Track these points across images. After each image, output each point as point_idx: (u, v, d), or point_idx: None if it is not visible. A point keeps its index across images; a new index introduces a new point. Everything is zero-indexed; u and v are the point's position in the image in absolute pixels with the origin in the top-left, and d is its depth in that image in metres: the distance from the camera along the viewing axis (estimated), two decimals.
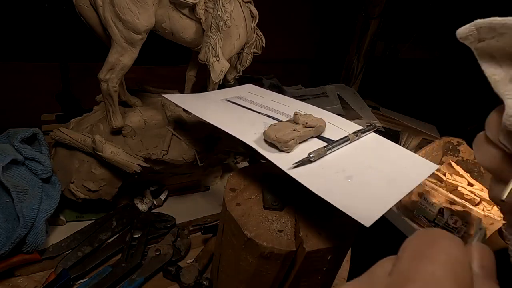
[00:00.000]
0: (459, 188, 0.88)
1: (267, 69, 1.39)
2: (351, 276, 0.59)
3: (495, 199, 0.22)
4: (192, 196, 0.73)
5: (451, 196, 0.81)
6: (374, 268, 0.17)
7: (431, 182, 0.87)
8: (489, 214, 0.76)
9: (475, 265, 0.17)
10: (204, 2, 0.60)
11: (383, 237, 0.74)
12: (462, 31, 0.21)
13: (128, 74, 0.58)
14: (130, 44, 0.55)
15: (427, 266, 0.15)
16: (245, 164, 0.82)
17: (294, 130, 0.46)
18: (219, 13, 0.60)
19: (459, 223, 0.80)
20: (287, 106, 0.61)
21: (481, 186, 0.94)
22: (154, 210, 0.65)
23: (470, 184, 0.93)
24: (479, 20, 0.21)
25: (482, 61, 0.21)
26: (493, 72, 0.21)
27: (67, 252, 0.53)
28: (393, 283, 0.15)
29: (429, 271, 0.15)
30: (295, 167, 0.41)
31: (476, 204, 0.86)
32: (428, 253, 0.15)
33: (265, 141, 0.46)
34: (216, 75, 0.66)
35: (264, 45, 0.76)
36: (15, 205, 0.48)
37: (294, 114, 0.50)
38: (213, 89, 0.69)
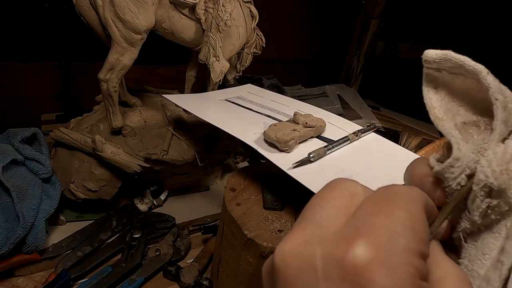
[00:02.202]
0: None
1: (267, 69, 1.39)
2: None
3: None
4: (192, 196, 0.73)
5: None
6: (317, 213, 0.17)
7: None
8: None
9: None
10: (204, 2, 0.60)
11: None
12: (430, 55, 0.21)
13: (128, 74, 0.58)
14: (130, 44, 0.55)
15: (383, 220, 0.14)
16: (245, 164, 0.82)
17: (294, 130, 0.46)
18: (219, 13, 0.60)
19: None
20: (287, 106, 0.61)
21: None
22: (154, 210, 0.65)
23: None
24: (450, 52, 0.20)
25: (427, 86, 0.21)
26: (435, 105, 0.21)
27: (67, 252, 0.52)
28: (343, 235, 0.15)
29: (384, 225, 0.14)
30: (295, 167, 0.41)
31: None
32: (386, 209, 0.15)
33: (265, 141, 0.46)
34: (216, 75, 0.66)
35: (264, 45, 0.76)
36: (15, 205, 0.48)
37: (294, 114, 0.50)
38: (213, 89, 0.69)
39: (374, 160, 0.47)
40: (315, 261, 0.14)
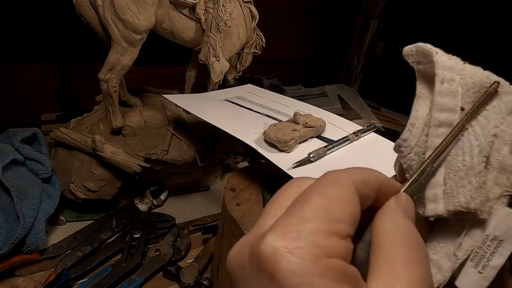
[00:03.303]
0: None
1: (267, 69, 1.39)
2: None
3: None
4: (192, 196, 0.73)
5: None
6: (261, 217, 0.18)
7: None
8: None
9: (399, 208, 0.18)
10: (204, 2, 0.60)
11: None
12: (406, 50, 0.23)
13: (128, 74, 0.58)
14: (130, 44, 0.55)
15: (296, 211, 0.16)
16: (245, 164, 0.82)
17: (294, 130, 0.46)
18: (219, 13, 0.60)
19: None
20: (287, 106, 0.61)
21: None
22: (154, 210, 0.65)
23: None
24: (419, 43, 0.22)
25: (420, 82, 0.22)
26: (420, 94, 0.22)
27: (67, 252, 0.52)
28: (260, 234, 0.16)
29: (296, 214, 0.16)
30: (295, 167, 0.41)
31: None
32: (303, 197, 0.16)
33: (265, 141, 0.46)
34: (216, 75, 0.66)
35: (264, 45, 0.76)
36: (15, 205, 0.48)
37: (294, 114, 0.50)
38: (213, 89, 0.69)
39: (374, 160, 0.47)
40: (244, 258, 0.16)
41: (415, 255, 0.16)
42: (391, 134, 1.03)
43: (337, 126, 0.55)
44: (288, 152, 0.45)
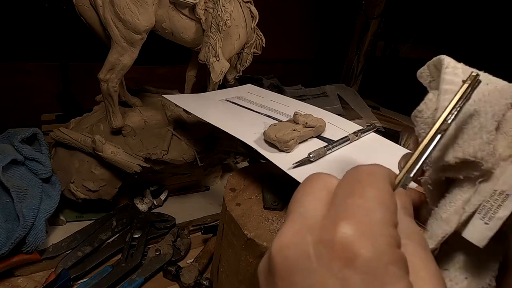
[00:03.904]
0: None
1: (267, 69, 1.39)
2: None
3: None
4: (192, 196, 0.73)
5: None
6: (302, 206, 0.18)
7: None
8: None
9: (399, 205, 0.18)
10: (204, 2, 0.60)
11: None
12: (419, 71, 0.24)
13: (128, 74, 0.58)
14: (130, 44, 0.55)
15: (358, 200, 0.16)
16: (245, 164, 0.82)
17: (294, 130, 0.46)
18: (219, 13, 0.60)
19: None
20: (287, 106, 0.61)
21: None
22: (154, 210, 0.65)
23: None
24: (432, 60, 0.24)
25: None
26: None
27: (67, 252, 0.52)
28: (328, 223, 0.16)
29: (359, 205, 0.16)
30: (295, 167, 0.41)
31: None
32: (358, 190, 0.17)
33: (265, 141, 0.46)
34: (216, 75, 0.66)
35: (264, 45, 0.76)
36: (15, 205, 0.48)
37: (294, 114, 0.50)
38: (213, 89, 0.69)
39: (374, 161, 0.47)
40: (308, 248, 0.16)
41: (427, 255, 0.17)
42: (391, 134, 1.03)
43: (337, 126, 0.55)
44: (288, 152, 0.45)
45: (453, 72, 0.22)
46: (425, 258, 0.17)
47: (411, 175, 0.20)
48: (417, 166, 0.20)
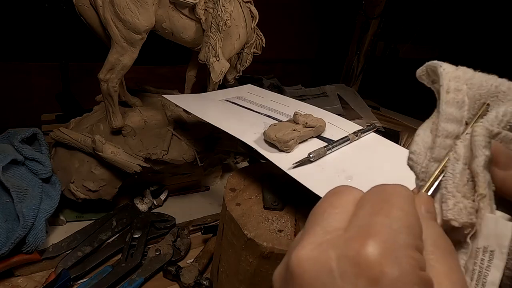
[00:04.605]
0: None
1: (267, 69, 1.39)
2: None
3: None
4: (192, 196, 0.73)
5: None
6: (325, 219, 0.18)
7: None
8: None
9: (423, 209, 0.19)
10: (204, 2, 0.60)
11: None
12: (418, 72, 0.23)
13: (128, 74, 0.58)
14: (130, 44, 0.55)
15: (384, 220, 0.16)
16: (245, 164, 0.82)
17: (294, 130, 0.46)
18: (219, 13, 0.60)
19: None
20: (287, 106, 0.61)
21: None
22: (154, 210, 0.65)
23: None
24: (428, 62, 0.22)
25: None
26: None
27: (67, 252, 0.52)
28: (353, 237, 0.16)
29: (385, 224, 0.16)
30: (295, 167, 0.41)
31: None
32: (385, 209, 0.17)
33: (265, 141, 0.46)
34: (216, 75, 0.66)
35: (264, 45, 0.76)
36: (15, 205, 0.48)
37: (294, 114, 0.50)
38: (213, 89, 0.69)
39: (374, 160, 0.47)
40: (330, 263, 0.16)
41: (450, 263, 0.17)
42: (391, 134, 1.03)
43: (337, 126, 0.55)
44: (288, 152, 0.45)
45: (455, 99, 0.20)
46: (449, 266, 0.17)
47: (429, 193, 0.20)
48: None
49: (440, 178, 0.20)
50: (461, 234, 0.18)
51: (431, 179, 0.20)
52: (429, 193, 0.20)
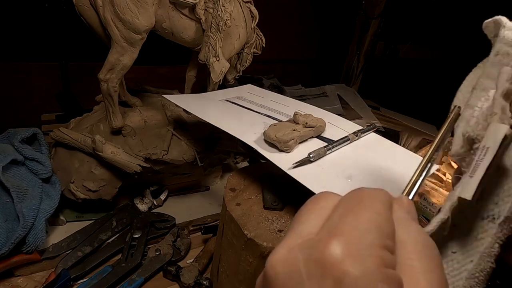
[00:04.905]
0: None
1: (267, 69, 1.39)
2: None
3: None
4: (192, 196, 0.73)
5: None
6: (301, 223, 0.19)
7: (431, 182, 0.86)
8: None
9: (404, 211, 0.19)
10: (204, 2, 0.60)
11: None
12: (485, 23, 0.24)
13: (128, 74, 0.58)
14: (130, 44, 0.55)
15: (352, 221, 0.17)
16: (245, 164, 0.82)
17: (294, 130, 0.46)
18: (219, 13, 0.60)
19: None
20: (287, 106, 0.61)
21: None
22: (154, 210, 0.65)
23: None
24: (497, 17, 0.23)
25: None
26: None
27: (67, 252, 0.52)
28: (319, 238, 0.17)
29: (353, 225, 0.17)
30: (295, 167, 0.41)
31: None
32: (355, 211, 0.18)
33: (265, 141, 0.46)
34: (216, 75, 0.66)
35: (264, 45, 0.76)
36: (15, 205, 0.48)
37: (294, 114, 0.50)
38: (213, 89, 0.69)
39: (374, 160, 0.47)
40: (299, 265, 0.16)
41: (430, 262, 0.17)
42: (391, 134, 1.03)
43: (337, 126, 0.55)
44: (288, 152, 0.45)
45: (500, 61, 0.22)
46: (428, 265, 0.17)
47: (410, 197, 0.21)
48: (415, 189, 0.21)
49: (418, 182, 0.21)
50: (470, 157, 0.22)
51: (410, 183, 0.21)
52: (410, 196, 0.21)
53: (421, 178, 0.22)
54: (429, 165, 0.22)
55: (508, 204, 0.20)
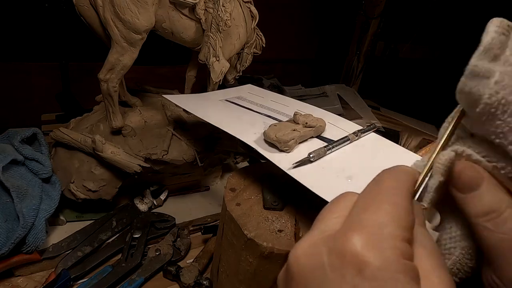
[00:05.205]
0: None
1: (267, 69, 1.39)
2: None
3: None
4: (192, 196, 0.73)
5: None
6: (323, 223, 0.20)
7: None
8: None
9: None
10: (204, 2, 0.60)
11: None
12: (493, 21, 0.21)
13: (128, 74, 0.58)
14: (130, 44, 0.55)
15: (371, 216, 0.18)
16: (245, 164, 0.82)
17: (294, 130, 0.46)
18: (219, 13, 0.60)
19: None
20: (287, 106, 0.61)
21: None
22: (154, 210, 0.65)
23: None
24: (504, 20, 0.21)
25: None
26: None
27: (67, 252, 0.52)
28: (341, 232, 0.17)
29: (372, 219, 0.17)
30: (295, 167, 0.41)
31: None
32: (374, 205, 0.18)
33: (265, 141, 0.46)
34: (216, 75, 0.66)
35: (264, 45, 0.76)
36: (15, 205, 0.48)
37: (294, 114, 0.50)
38: (213, 89, 0.69)
39: (374, 160, 0.47)
40: (322, 257, 0.17)
41: (437, 260, 0.18)
42: (391, 134, 1.03)
43: (337, 126, 0.55)
44: (288, 152, 0.45)
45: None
46: (436, 264, 0.18)
47: (415, 198, 0.21)
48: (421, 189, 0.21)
49: (424, 182, 0.21)
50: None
51: (416, 186, 0.21)
52: (416, 198, 0.21)
53: (426, 179, 0.21)
54: (433, 168, 0.21)
55: None
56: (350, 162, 0.45)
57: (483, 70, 0.18)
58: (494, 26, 0.19)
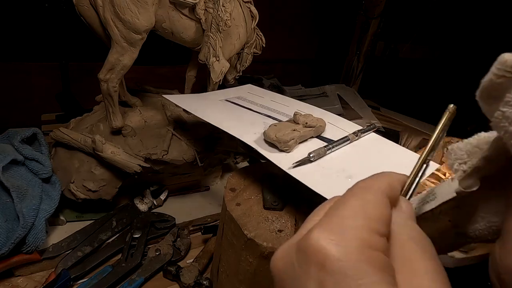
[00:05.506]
0: None
1: (267, 69, 1.39)
2: None
3: None
4: (192, 196, 0.73)
5: None
6: (304, 227, 0.20)
7: (431, 182, 0.87)
8: None
9: (400, 212, 0.20)
10: (204, 2, 0.60)
11: None
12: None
13: (128, 74, 0.58)
14: (130, 44, 0.55)
15: (337, 211, 0.18)
16: (245, 164, 0.82)
17: (294, 130, 0.46)
18: (219, 13, 0.60)
19: None
20: (287, 106, 0.61)
21: None
22: (154, 210, 0.65)
23: None
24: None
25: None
26: None
27: (67, 252, 0.52)
28: (307, 231, 0.18)
29: (336, 214, 0.18)
30: (295, 167, 0.41)
31: None
32: (343, 201, 0.19)
33: (265, 141, 0.46)
34: (216, 75, 0.66)
35: (264, 45, 0.76)
36: (15, 205, 0.48)
37: (294, 114, 0.50)
38: (213, 89, 0.69)
39: (374, 160, 0.47)
40: (292, 257, 0.18)
41: (426, 253, 0.18)
42: (391, 134, 1.03)
43: (337, 126, 0.55)
44: (288, 152, 0.45)
45: None
46: (425, 256, 0.17)
47: (407, 197, 0.21)
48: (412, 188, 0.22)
49: (415, 182, 0.22)
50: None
51: (407, 184, 0.22)
52: (407, 196, 0.21)
53: (417, 179, 0.22)
54: (424, 165, 0.22)
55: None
56: (350, 162, 0.45)
57: None
58: None
